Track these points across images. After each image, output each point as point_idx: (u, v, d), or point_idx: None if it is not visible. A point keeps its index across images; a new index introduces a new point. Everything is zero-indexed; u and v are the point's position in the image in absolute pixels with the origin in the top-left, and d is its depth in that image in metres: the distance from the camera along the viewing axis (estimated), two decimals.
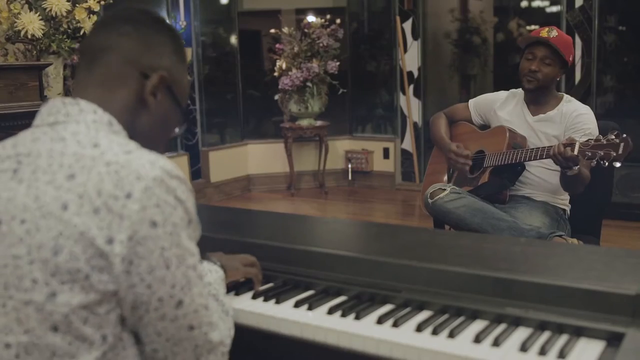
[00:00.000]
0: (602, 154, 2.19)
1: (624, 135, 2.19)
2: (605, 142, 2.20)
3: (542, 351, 1.13)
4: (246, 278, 1.49)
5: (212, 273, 1.31)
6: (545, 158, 2.40)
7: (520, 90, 2.78)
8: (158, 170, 0.98)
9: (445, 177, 2.91)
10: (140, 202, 0.95)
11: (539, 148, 2.44)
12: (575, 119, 2.58)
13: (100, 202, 0.94)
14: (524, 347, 1.15)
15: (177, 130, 1.26)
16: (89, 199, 0.94)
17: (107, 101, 1.10)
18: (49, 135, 1.03)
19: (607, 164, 2.20)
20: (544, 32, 2.60)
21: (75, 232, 0.93)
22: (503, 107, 2.80)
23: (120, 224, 0.94)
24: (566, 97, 2.70)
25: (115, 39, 1.12)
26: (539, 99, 2.69)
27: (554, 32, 2.60)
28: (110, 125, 1.08)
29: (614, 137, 2.19)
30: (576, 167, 2.32)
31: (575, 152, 2.24)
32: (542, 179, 2.63)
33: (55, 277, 0.93)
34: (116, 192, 0.95)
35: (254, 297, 1.47)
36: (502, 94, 2.86)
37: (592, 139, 2.24)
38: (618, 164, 2.19)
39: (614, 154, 2.18)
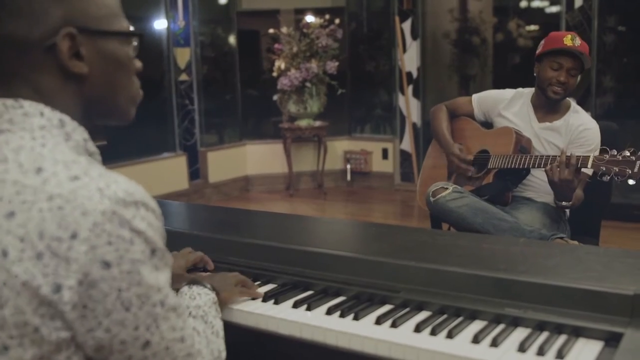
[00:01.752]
0: (616, 170, 2.16)
1: None
2: (620, 158, 2.17)
3: (541, 351, 1.13)
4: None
5: (202, 296, 1.26)
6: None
7: (526, 90, 2.74)
8: (107, 202, 0.85)
9: (446, 173, 2.88)
10: (88, 242, 0.83)
11: (548, 156, 2.41)
12: (580, 133, 2.56)
13: (43, 246, 0.82)
14: (522, 348, 1.15)
15: (133, 53, 1.06)
16: (30, 242, 0.83)
17: (43, 95, 0.95)
18: None
19: (620, 180, 2.18)
20: (568, 40, 2.50)
21: (17, 283, 0.82)
22: (508, 107, 2.75)
23: (67, 269, 0.82)
24: (573, 105, 2.66)
25: None
26: (548, 106, 2.65)
27: (578, 41, 2.51)
28: (62, 126, 0.94)
29: (629, 154, 2.16)
30: (569, 203, 2.36)
31: (589, 166, 2.22)
32: (544, 181, 2.62)
33: (4, 331, 0.84)
34: (60, 233, 0.83)
35: (253, 297, 1.47)
36: (508, 92, 2.80)
37: (607, 154, 2.21)
38: (632, 182, 2.15)
39: (630, 172, 2.14)
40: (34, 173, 0.87)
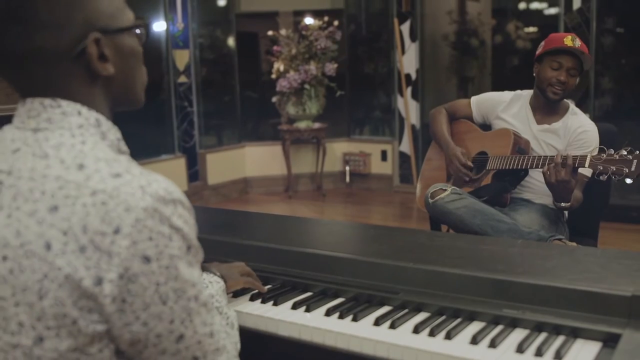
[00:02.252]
0: (614, 169, 2.17)
1: (637, 152, 2.16)
2: (617, 158, 2.17)
3: (539, 352, 1.13)
4: (245, 287, 1.48)
5: (214, 284, 1.28)
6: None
7: (525, 92, 2.75)
8: (149, 199, 0.88)
9: (445, 175, 2.89)
10: (130, 237, 0.86)
11: (546, 156, 2.42)
12: (578, 135, 2.56)
13: (87, 240, 0.85)
14: (520, 349, 1.15)
15: (142, 42, 1.08)
16: (74, 236, 0.86)
17: (77, 100, 0.97)
18: (31, 149, 0.93)
19: (617, 179, 2.19)
20: (568, 41, 2.51)
21: (60, 275, 0.85)
22: (507, 109, 2.76)
23: (109, 263, 0.85)
24: (572, 107, 2.66)
25: (18, 47, 0.93)
26: (547, 107, 2.65)
27: (578, 41, 2.52)
28: (99, 125, 0.97)
29: (626, 153, 2.17)
30: (568, 204, 2.36)
31: (587, 165, 2.23)
32: (542, 183, 2.61)
33: (41, 322, 0.87)
34: (103, 228, 0.86)
35: (252, 299, 1.48)
36: (507, 95, 2.81)
37: (604, 154, 2.22)
38: (630, 181, 2.16)
39: (627, 171, 2.15)
40: (77, 169, 0.90)
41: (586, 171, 2.47)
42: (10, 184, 0.91)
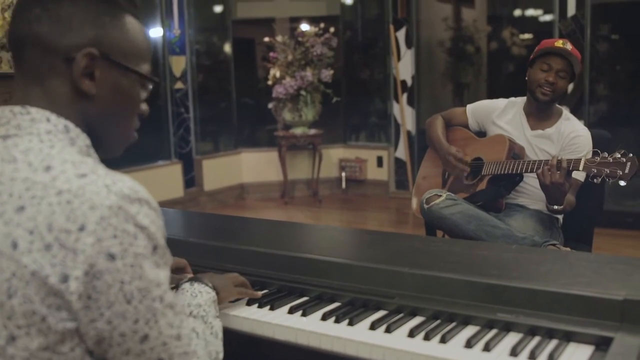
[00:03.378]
0: (607, 171, 2.19)
1: (631, 155, 2.18)
2: (611, 160, 2.19)
3: (532, 356, 1.14)
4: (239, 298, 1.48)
5: (203, 294, 1.28)
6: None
7: (519, 99, 2.77)
8: (114, 197, 0.89)
9: (440, 181, 2.91)
10: (94, 235, 0.87)
11: (541, 161, 2.43)
12: (571, 140, 2.58)
13: (52, 238, 0.87)
14: (514, 352, 1.16)
15: (144, 96, 1.11)
16: (39, 234, 0.87)
17: (51, 102, 1.00)
18: (0, 155, 0.95)
19: (611, 181, 2.21)
20: (559, 44, 2.56)
21: (27, 273, 0.86)
22: (501, 116, 2.78)
23: (74, 260, 0.86)
24: (565, 113, 2.68)
25: (27, 28, 0.99)
26: (540, 113, 2.68)
27: (569, 45, 2.56)
28: (67, 131, 0.99)
29: (620, 155, 2.19)
30: (561, 207, 2.38)
31: (581, 168, 2.25)
32: (537, 188, 2.63)
33: (12, 321, 0.88)
34: (68, 226, 0.87)
35: (249, 303, 1.48)
36: (501, 102, 2.83)
37: (598, 157, 2.24)
38: (623, 183, 2.18)
39: (620, 173, 2.17)
40: (43, 171, 0.91)
41: (580, 175, 2.49)
42: None
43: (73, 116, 1.01)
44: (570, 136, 2.59)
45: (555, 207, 2.41)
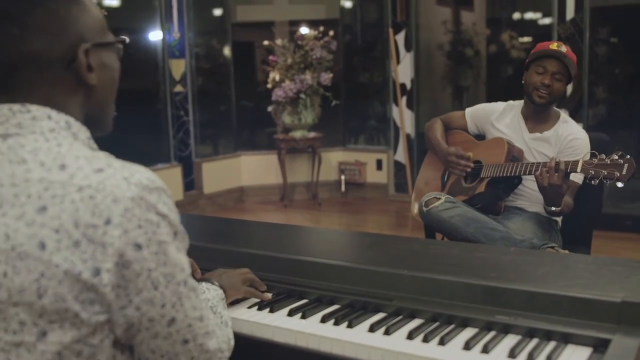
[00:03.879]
0: (605, 173, 2.20)
1: (628, 157, 2.20)
2: (609, 162, 2.21)
3: (530, 357, 1.15)
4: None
5: (211, 291, 1.32)
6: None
7: (517, 103, 2.78)
8: (134, 188, 0.92)
9: (440, 185, 2.91)
10: (121, 227, 0.89)
11: (539, 163, 2.44)
12: (569, 142, 2.59)
13: (80, 234, 0.88)
14: (512, 354, 1.17)
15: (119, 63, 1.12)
16: (66, 232, 0.88)
17: (51, 100, 1.00)
18: (6, 156, 0.94)
19: (609, 183, 2.22)
20: (554, 46, 2.58)
21: (59, 272, 0.88)
22: (500, 119, 2.79)
23: (104, 253, 0.89)
24: (563, 116, 2.69)
25: (12, 50, 0.96)
26: (538, 115, 2.68)
27: (564, 48, 2.58)
28: (69, 127, 0.99)
29: (617, 157, 2.20)
30: (558, 209, 2.39)
31: (579, 170, 2.26)
32: (536, 191, 2.63)
33: (43, 318, 0.89)
34: (94, 221, 0.89)
35: (249, 306, 1.49)
36: (500, 105, 2.84)
37: (596, 158, 2.25)
38: (621, 184, 2.19)
39: (618, 174, 2.18)
40: (59, 169, 0.92)
41: (577, 178, 2.50)
42: None
43: (74, 109, 1.02)
44: (568, 139, 2.59)
45: (553, 208, 2.42)
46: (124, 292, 0.91)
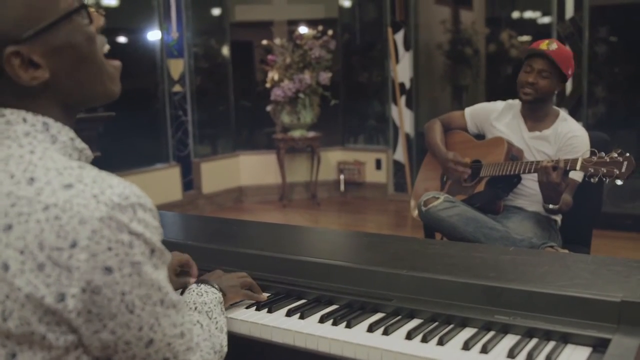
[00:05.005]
0: (604, 171, 2.20)
1: (627, 154, 2.20)
2: (608, 160, 2.21)
3: (530, 357, 1.14)
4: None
5: (209, 294, 1.31)
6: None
7: (517, 101, 2.78)
8: (104, 208, 0.85)
9: (439, 185, 2.91)
10: (87, 250, 0.83)
11: (538, 161, 2.44)
12: (568, 140, 2.59)
13: (44, 257, 0.83)
14: (511, 354, 1.16)
15: (93, 29, 0.97)
16: (31, 254, 0.83)
17: (20, 107, 0.93)
18: None
19: (608, 181, 2.22)
20: (544, 45, 2.60)
21: (21, 296, 0.83)
22: (499, 118, 2.79)
23: (69, 278, 0.83)
24: (562, 114, 2.70)
25: None
26: (535, 114, 2.69)
27: (554, 45, 2.60)
28: (47, 129, 0.93)
29: (616, 155, 2.20)
30: (556, 206, 2.40)
31: (578, 168, 2.26)
32: (535, 190, 2.63)
33: (11, 340, 0.85)
34: (59, 243, 0.83)
35: (247, 306, 1.49)
36: (499, 104, 2.85)
37: (595, 156, 2.25)
38: (620, 182, 2.19)
39: (617, 172, 2.18)
40: (27, 183, 0.87)
41: (577, 176, 2.50)
42: None
43: (48, 106, 0.94)
44: (567, 137, 2.59)
45: (551, 206, 2.42)
46: (97, 317, 0.85)
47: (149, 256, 0.89)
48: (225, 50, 6.60)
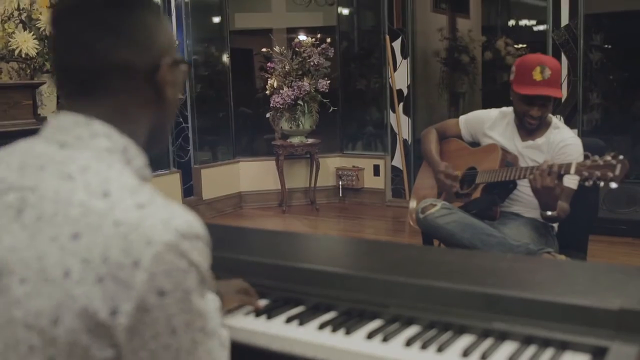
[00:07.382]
0: (599, 174, 2.20)
1: (621, 157, 2.20)
2: (602, 163, 2.21)
3: None
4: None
5: (209, 303, 1.31)
6: None
7: (510, 109, 2.79)
8: (172, 234, 0.88)
9: (435, 191, 2.92)
10: (148, 271, 0.85)
11: (533, 167, 2.45)
12: (561, 149, 2.60)
13: (106, 271, 0.85)
14: None
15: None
16: (93, 266, 0.85)
17: (119, 116, 1.01)
18: (57, 168, 0.93)
19: (603, 184, 2.22)
20: (537, 74, 2.52)
21: (76, 305, 0.85)
22: (493, 127, 2.80)
23: (126, 294, 0.85)
24: (554, 122, 2.70)
25: (104, 58, 0.99)
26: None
27: (547, 72, 2.52)
28: (125, 153, 0.99)
29: (610, 158, 2.20)
30: (554, 213, 2.41)
31: (572, 172, 2.26)
32: (531, 196, 2.64)
33: (53, 347, 0.86)
34: (123, 260, 0.85)
35: (246, 313, 1.49)
36: (493, 112, 2.85)
37: (589, 160, 2.26)
38: (614, 185, 2.18)
39: (611, 175, 2.18)
40: (101, 196, 0.90)
41: (572, 183, 2.51)
42: (34, 204, 0.91)
43: (142, 122, 1.05)
44: (560, 145, 2.61)
45: (549, 213, 2.42)
46: (140, 335, 0.87)
47: (199, 285, 0.92)
48: (225, 58, 6.62)
